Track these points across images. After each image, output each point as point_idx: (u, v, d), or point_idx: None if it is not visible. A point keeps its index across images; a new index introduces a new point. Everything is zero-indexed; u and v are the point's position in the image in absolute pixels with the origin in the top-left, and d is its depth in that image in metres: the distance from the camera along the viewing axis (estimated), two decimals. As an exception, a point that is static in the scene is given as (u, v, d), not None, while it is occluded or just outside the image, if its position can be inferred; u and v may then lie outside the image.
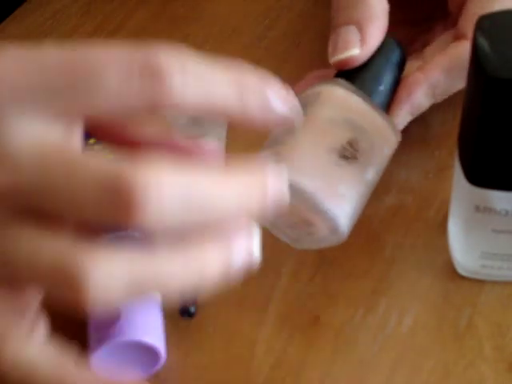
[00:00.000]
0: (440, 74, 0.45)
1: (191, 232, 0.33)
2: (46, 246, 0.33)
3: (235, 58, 0.56)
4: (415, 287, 0.44)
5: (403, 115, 0.45)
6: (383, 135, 0.42)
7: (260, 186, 0.34)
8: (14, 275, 0.35)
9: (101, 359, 0.39)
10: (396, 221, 0.45)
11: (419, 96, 0.45)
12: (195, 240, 0.33)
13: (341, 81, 0.42)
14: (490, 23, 0.37)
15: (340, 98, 0.42)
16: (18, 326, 0.36)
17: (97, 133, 0.38)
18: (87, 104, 0.33)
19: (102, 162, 0.32)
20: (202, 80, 0.33)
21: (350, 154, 0.41)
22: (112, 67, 0.32)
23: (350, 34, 0.43)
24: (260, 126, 0.35)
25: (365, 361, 0.41)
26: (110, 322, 0.39)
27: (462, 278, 0.44)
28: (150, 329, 0.40)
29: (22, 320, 0.36)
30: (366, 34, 0.43)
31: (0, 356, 0.35)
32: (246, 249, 0.34)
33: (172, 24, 0.59)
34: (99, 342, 0.39)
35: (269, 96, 0.35)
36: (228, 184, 0.33)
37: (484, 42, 0.36)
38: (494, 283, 0.44)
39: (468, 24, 0.45)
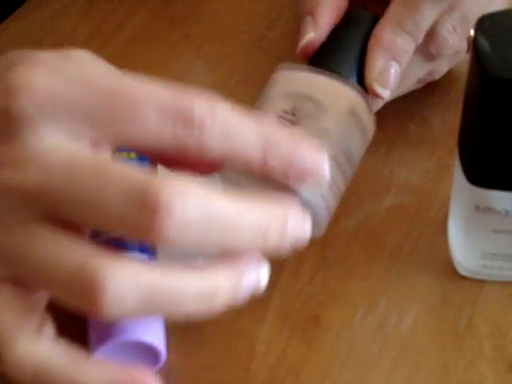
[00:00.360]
0: (397, 6, 0.44)
1: (206, 252, 0.34)
2: (67, 253, 0.34)
3: (235, 58, 0.56)
4: (415, 287, 0.44)
5: (381, 61, 0.44)
6: (339, 98, 0.41)
7: (281, 220, 0.35)
8: (30, 276, 0.35)
9: (101, 358, 0.39)
10: (396, 221, 0.45)
11: (386, 35, 0.44)
12: (209, 262, 0.34)
13: (285, 65, 0.43)
14: (490, 23, 0.37)
15: (283, 77, 0.43)
16: (28, 323, 0.36)
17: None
18: (122, 133, 0.34)
19: (131, 173, 0.33)
20: (228, 133, 0.35)
21: (287, 120, 0.40)
22: (153, 106, 0.34)
23: (305, 22, 0.45)
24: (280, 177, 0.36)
25: (365, 361, 0.41)
26: (111, 322, 0.39)
27: (462, 277, 0.44)
28: (150, 328, 0.40)
29: (32, 317, 0.36)
30: (317, 18, 0.44)
31: (11, 353, 0.35)
32: (256, 277, 0.36)
33: (172, 24, 0.59)
34: (99, 341, 0.39)
35: (294, 162, 0.36)
36: (250, 212, 0.34)
37: (484, 42, 0.36)
38: (494, 283, 0.44)
39: None
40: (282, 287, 0.44)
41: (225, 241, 0.34)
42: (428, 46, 0.46)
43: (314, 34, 0.45)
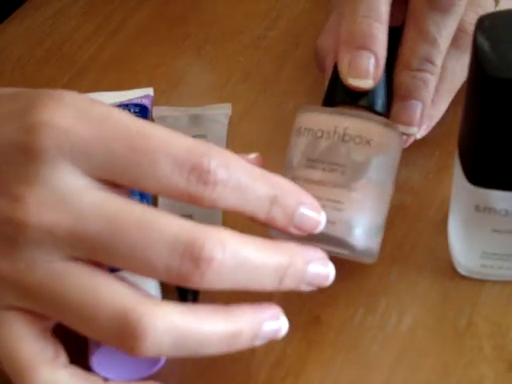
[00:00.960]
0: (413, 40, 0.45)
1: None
2: (106, 294, 0.35)
3: (235, 58, 0.56)
4: (415, 287, 0.44)
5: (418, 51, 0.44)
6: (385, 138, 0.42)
7: (301, 264, 0.38)
8: (58, 313, 0.36)
9: (101, 359, 0.39)
10: (396, 221, 0.45)
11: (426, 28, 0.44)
12: (234, 307, 0.37)
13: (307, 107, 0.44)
14: (490, 23, 0.37)
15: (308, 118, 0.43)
16: (45, 351, 0.37)
17: None
18: (135, 181, 0.35)
19: (174, 221, 0.35)
20: (239, 191, 0.36)
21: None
22: (166, 158, 0.35)
23: (368, 62, 0.43)
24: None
25: (365, 361, 0.41)
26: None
27: (462, 277, 0.44)
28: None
29: (47, 345, 0.37)
30: (378, 68, 0.43)
31: (33, 382, 0.35)
32: (277, 326, 0.38)
33: (172, 24, 0.59)
34: (99, 342, 0.39)
35: (296, 216, 0.38)
36: (272, 257, 0.37)
37: (484, 42, 0.36)
38: (494, 283, 0.44)
39: None
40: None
41: (250, 283, 0.37)
42: (462, 41, 0.46)
43: (372, 83, 0.44)
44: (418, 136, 0.47)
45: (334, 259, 0.44)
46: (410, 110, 0.45)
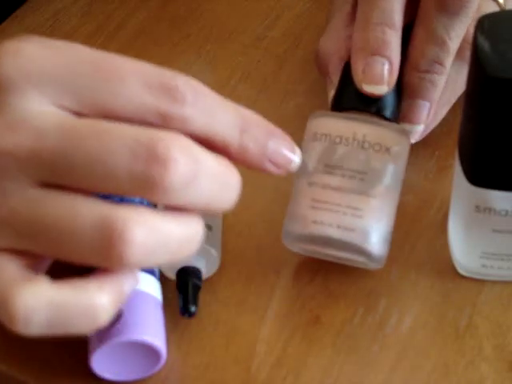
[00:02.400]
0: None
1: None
2: (82, 208, 0.34)
3: (235, 58, 0.56)
4: (415, 287, 0.44)
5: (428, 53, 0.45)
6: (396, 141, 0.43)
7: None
8: (38, 241, 0.35)
9: (101, 359, 0.39)
10: (396, 221, 0.45)
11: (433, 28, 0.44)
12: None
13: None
14: (490, 23, 0.37)
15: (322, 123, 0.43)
16: (27, 272, 0.35)
17: None
18: (106, 104, 0.35)
19: (133, 127, 0.34)
20: (209, 110, 0.35)
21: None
22: (135, 77, 0.35)
23: (383, 68, 0.44)
24: (256, 168, 0.37)
25: (365, 361, 0.41)
26: (111, 322, 0.39)
27: (462, 277, 0.44)
28: (150, 328, 0.40)
29: (29, 270, 0.35)
30: (393, 74, 0.44)
31: (20, 302, 0.34)
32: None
33: (172, 24, 0.59)
34: (99, 341, 0.39)
35: (269, 146, 0.37)
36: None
37: (484, 42, 0.36)
38: (494, 283, 0.44)
39: None
40: (282, 287, 0.44)
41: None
42: (466, 53, 0.45)
43: (387, 89, 0.44)
44: (413, 141, 0.47)
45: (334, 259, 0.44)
46: (418, 109, 0.45)
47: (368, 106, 0.44)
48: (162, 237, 0.34)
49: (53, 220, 0.34)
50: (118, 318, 0.39)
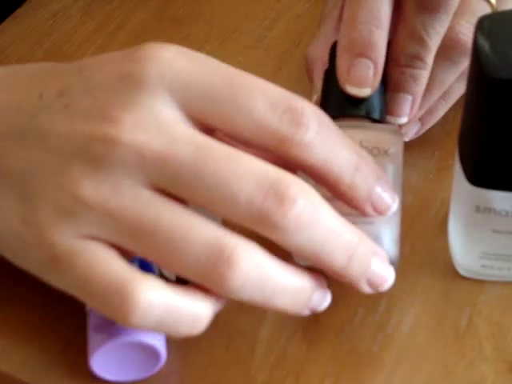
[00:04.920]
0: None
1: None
2: (197, 227, 0.35)
3: (235, 58, 0.56)
4: (415, 287, 0.44)
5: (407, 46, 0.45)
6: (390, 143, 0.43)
7: (367, 251, 0.38)
8: (142, 244, 0.35)
9: (101, 359, 0.39)
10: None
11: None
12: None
13: None
14: (491, 23, 0.37)
15: None
16: (134, 267, 0.36)
17: None
18: (227, 117, 0.35)
19: (261, 162, 0.35)
20: (330, 145, 0.36)
21: None
22: (262, 96, 0.35)
23: (368, 71, 0.43)
24: (357, 209, 0.39)
25: (365, 361, 0.41)
26: (110, 322, 0.39)
27: (462, 277, 0.44)
28: (150, 329, 0.40)
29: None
30: (377, 76, 0.43)
31: (139, 298, 0.34)
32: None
33: (172, 24, 0.59)
34: (99, 342, 0.39)
35: (375, 190, 0.38)
36: (346, 229, 0.37)
37: (484, 43, 0.36)
38: (494, 283, 0.44)
39: None
40: (282, 287, 0.44)
41: (324, 245, 0.36)
42: (453, 53, 0.46)
43: (371, 91, 0.44)
44: (407, 139, 0.47)
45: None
46: (400, 103, 0.45)
47: (355, 109, 0.43)
48: (265, 276, 0.35)
49: (166, 226, 0.34)
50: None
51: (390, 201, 0.39)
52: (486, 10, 0.46)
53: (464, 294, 0.43)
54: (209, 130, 0.36)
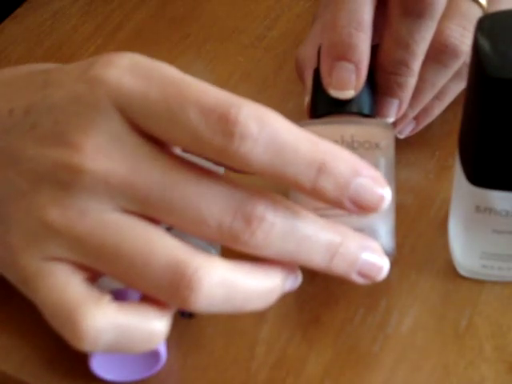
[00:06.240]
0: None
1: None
2: (158, 246, 0.35)
3: (235, 58, 0.56)
4: (415, 287, 0.44)
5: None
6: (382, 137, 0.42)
7: (354, 247, 0.37)
8: (106, 264, 0.35)
9: (100, 360, 0.39)
10: (396, 221, 0.45)
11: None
12: (268, 264, 0.37)
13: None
14: (491, 23, 0.37)
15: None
16: (91, 292, 0.36)
17: None
18: (166, 132, 0.35)
19: (229, 182, 0.35)
20: (276, 148, 0.34)
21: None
22: (194, 106, 0.34)
23: (349, 74, 0.43)
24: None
25: (365, 361, 0.41)
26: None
27: (462, 277, 0.44)
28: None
29: (93, 288, 0.36)
30: (360, 78, 0.43)
31: (89, 322, 0.35)
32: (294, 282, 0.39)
33: (172, 24, 0.59)
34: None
35: (352, 187, 0.35)
36: (325, 232, 0.37)
37: (484, 43, 0.36)
38: (494, 283, 0.44)
39: None
40: (282, 287, 0.44)
41: (298, 254, 0.36)
42: (443, 56, 0.45)
43: (354, 93, 0.43)
44: (402, 136, 0.48)
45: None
46: (387, 106, 0.45)
47: (345, 106, 0.43)
48: (232, 290, 0.35)
49: (127, 249, 0.35)
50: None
51: (379, 191, 0.35)
52: (476, 12, 0.45)
53: (464, 294, 0.43)
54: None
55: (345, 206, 0.35)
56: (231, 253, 0.37)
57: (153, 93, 0.35)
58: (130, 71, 0.36)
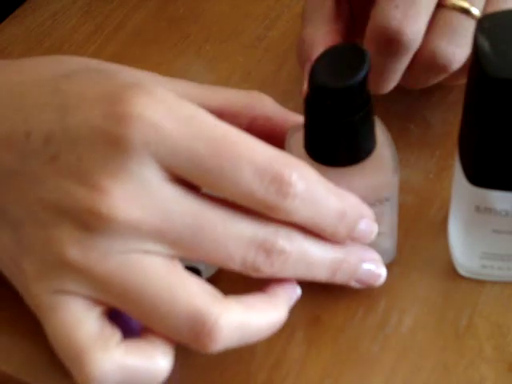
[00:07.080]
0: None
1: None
2: (182, 292, 0.36)
3: (235, 58, 0.56)
4: (415, 287, 0.44)
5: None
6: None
7: (355, 260, 0.41)
8: (129, 305, 0.36)
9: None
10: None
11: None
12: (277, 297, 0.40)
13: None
14: (491, 23, 0.37)
15: None
16: (103, 331, 0.36)
17: None
18: (212, 184, 0.35)
19: (251, 220, 0.37)
20: (315, 206, 0.37)
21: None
22: (248, 165, 0.35)
23: (305, 71, 0.44)
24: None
25: (365, 361, 0.41)
26: (111, 323, 0.38)
27: (462, 277, 0.44)
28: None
29: (105, 327, 0.37)
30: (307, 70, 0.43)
31: (97, 365, 0.35)
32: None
33: (172, 24, 0.59)
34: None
35: (358, 228, 0.39)
36: (330, 252, 0.39)
37: (484, 43, 0.36)
38: (494, 283, 0.44)
39: None
40: (282, 287, 0.44)
41: (306, 274, 0.39)
42: (435, 71, 0.45)
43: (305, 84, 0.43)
44: (382, 93, 0.46)
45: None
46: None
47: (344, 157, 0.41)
48: (247, 331, 0.37)
49: (150, 293, 0.35)
50: (116, 317, 0.39)
51: (372, 228, 0.40)
52: (467, 24, 0.44)
53: (464, 294, 0.43)
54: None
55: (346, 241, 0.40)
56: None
57: (201, 146, 0.34)
58: (167, 114, 0.35)
